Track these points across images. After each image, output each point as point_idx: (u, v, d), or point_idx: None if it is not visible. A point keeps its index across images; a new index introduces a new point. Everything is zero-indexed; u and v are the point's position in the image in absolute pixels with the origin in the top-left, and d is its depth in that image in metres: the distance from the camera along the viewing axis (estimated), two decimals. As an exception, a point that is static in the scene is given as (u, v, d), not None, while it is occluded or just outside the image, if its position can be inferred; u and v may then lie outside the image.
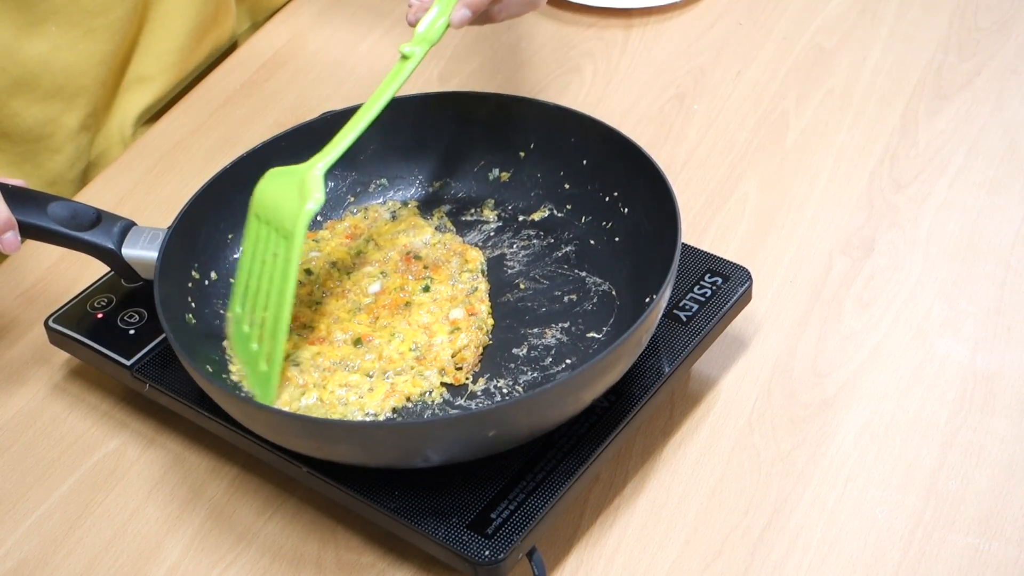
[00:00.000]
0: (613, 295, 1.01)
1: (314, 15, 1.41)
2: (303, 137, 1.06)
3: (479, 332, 0.98)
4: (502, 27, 1.37)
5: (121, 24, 1.22)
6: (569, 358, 0.97)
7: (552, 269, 1.04)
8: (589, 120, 1.05)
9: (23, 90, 1.19)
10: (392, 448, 0.87)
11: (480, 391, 0.95)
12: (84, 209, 1.00)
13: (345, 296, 1.01)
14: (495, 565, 0.85)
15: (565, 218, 1.07)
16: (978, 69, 1.28)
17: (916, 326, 1.05)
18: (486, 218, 1.09)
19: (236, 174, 1.04)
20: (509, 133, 1.09)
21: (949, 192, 1.16)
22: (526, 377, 0.96)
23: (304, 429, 0.89)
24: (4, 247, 0.97)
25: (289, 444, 0.90)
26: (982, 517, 0.92)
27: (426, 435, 0.87)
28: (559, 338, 0.98)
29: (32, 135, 1.22)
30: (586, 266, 1.03)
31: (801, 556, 0.91)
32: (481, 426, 0.86)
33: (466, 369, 0.96)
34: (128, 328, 1.01)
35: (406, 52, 1.01)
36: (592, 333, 0.98)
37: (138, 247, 1.00)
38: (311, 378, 0.95)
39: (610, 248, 1.03)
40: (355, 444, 0.88)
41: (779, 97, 1.27)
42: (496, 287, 1.03)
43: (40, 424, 1.03)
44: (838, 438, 0.97)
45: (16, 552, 0.95)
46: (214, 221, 1.03)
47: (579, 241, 1.05)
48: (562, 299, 1.01)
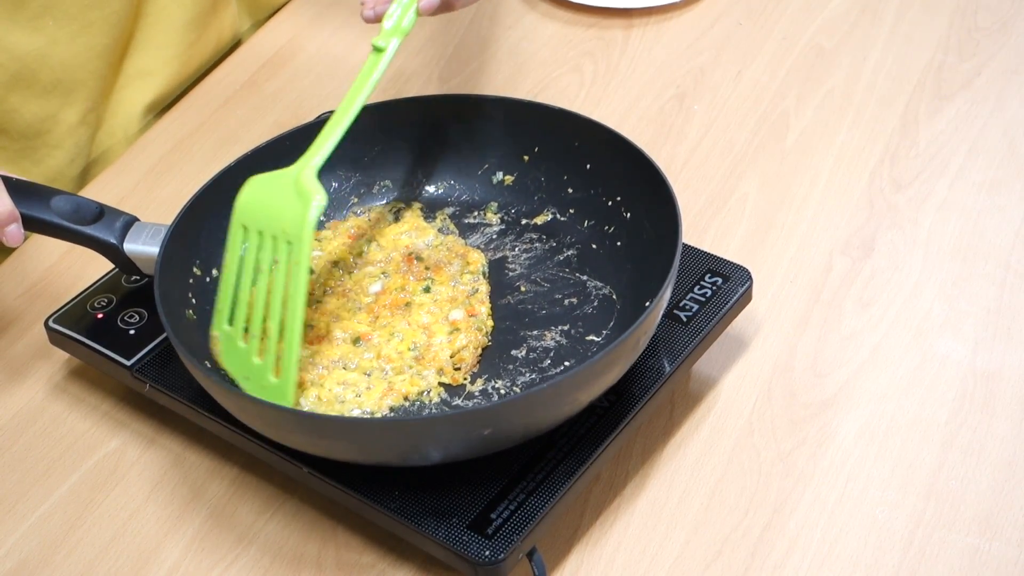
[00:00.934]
0: (613, 299, 1.01)
1: (314, 15, 1.41)
2: (309, 137, 1.06)
3: (478, 333, 0.98)
4: (502, 27, 1.37)
5: (118, 18, 1.22)
6: (568, 360, 0.97)
7: (553, 272, 1.04)
8: (593, 124, 1.05)
9: (20, 85, 1.19)
10: (388, 445, 0.88)
11: (478, 391, 0.95)
12: (87, 203, 1.00)
13: (346, 295, 1.01)
14: (495, 565, 0.85)
15: (568, 222, 1.07)
16: (978, 69, 1.28)
17: (916, 326, 1.05)
18: (489, 221, 1.09)
19: (240, 172, 1.04)
20: (513, 137, 1.09)
21: (949, 192, 1.16)
22: (524, 379, 0.96)
23: (302, 425, 0.89)
24: (8, 240, 0.97)
25: (287, 441, 0.90)
26: (982, 517, 0.92)
27: (422, 432, 0.87)
28: (559, 340, 0.98)
29: (31, 131, 1.22)
30: (587, 270, 1.03)
31: (801, 556, 0.91)
32: (476, 424, 0.86)
33: (464, 370, 0.96)
34: (128, 328, 1.01)
35: (379, 45, 0.99)
36: (592, 336, 0.98)
37: (140, 242, 1.00)
38: (309, 376, 0.95)
39: (612, 252, 1.03)
40: (351, 440, 0.88)
41: (779, 97, 1.27)
42: (497, 289, 1.03)
43: (40, 424, 1.03)
44: (838, 438, 0.97)
45: (16, 552, 0.95)
46: (217, 218, 1.03)
47: (581, 245, 1.05)
48: (562, 302, 1.01)
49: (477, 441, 0.87)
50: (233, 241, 0.96)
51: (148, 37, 1.27)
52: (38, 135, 1.22)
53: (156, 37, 1.28)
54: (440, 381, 0.96)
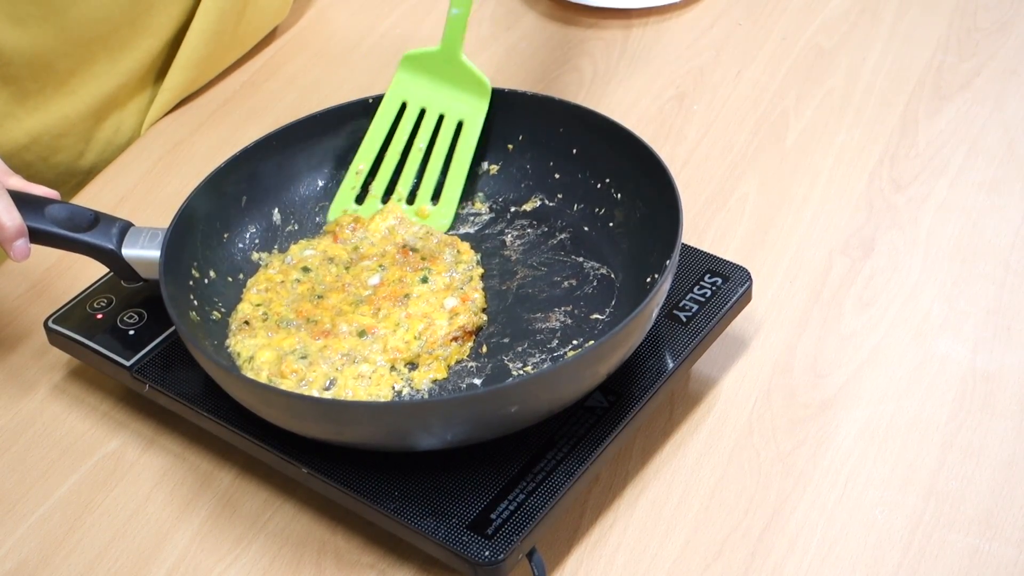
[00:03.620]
0: (612, 278, 1.01)
1: (315, 15, 1.41)
2: (305, 131, 1.08)
3: (474, 317, 0.99)
4: (502, 27, 1.37)
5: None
6: (575, 339, 0.97)
7: (549, 256, 1.04)
8: (576, 108, 1.06)
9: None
10: (416, 426, 0.88)
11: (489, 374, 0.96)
12: (81, 211, 1.01)
13: (345, 290, 1.02)
14: (495, 565, 0.85)
15: (557, 207, 1.08)
16: (978, 69, 1.28)
17: (916, 326, 1.05)
18: (478, 211, 1.09)
19: (229, 173, 1.05)
20: (497, 126, 1.10)
21: (949, 192, 1.16)
22: (534, 359, 0.96)
23: (325, 412, 0.89)
24: (15, 254, 0.97)
25: (309, 430, 0.90)
26: (982, 517, 0.92)
27: (451, 412, 0.87)
28: (563, 321, 0.99)
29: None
30: (583, 252, 1.04)
31: (801, 556, 0.91)
32: (505, 402, 0.87)
33: (467, 351, 0.98)
34: (128, 329, 1.01)
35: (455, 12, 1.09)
36: (595, 315, 0.99)
37: (138, 247, 1.00)
38: (320, 370, 0.95)
39: (605, 233, 1.04)
40: (379, 425, 0.88)
41: (779, 97, 1.27)
42: (495, 275, 1.03)
43: (40, 424, 1.03)
44: (838, 438, 0.97)
45: (16, 552, 0.95)
46: (210, 220, 1.04)
47: (573, 228, 1.06)
48: (562, 284, 1.02)
49: (505, 419, 0.88)
50: (385, 113, 1.09)
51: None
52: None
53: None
54: (448, 365, 0.97)
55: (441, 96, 1.10)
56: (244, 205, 1.06)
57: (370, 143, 1.10)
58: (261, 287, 1.03)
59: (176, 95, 1.30)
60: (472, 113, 1.09)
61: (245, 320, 1.00)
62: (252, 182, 1.07)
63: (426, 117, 1.10)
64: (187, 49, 1.27)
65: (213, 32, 1.28)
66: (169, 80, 1.28)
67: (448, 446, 0.89)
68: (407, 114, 1.10)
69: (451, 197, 1.08)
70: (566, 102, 1.07)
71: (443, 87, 1.10)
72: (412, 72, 1.10)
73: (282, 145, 1.07)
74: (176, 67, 1.28)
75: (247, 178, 1.06)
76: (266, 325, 0.99)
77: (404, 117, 1.10)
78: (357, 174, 1.09)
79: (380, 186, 1.10)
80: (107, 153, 1.28)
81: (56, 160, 1.25)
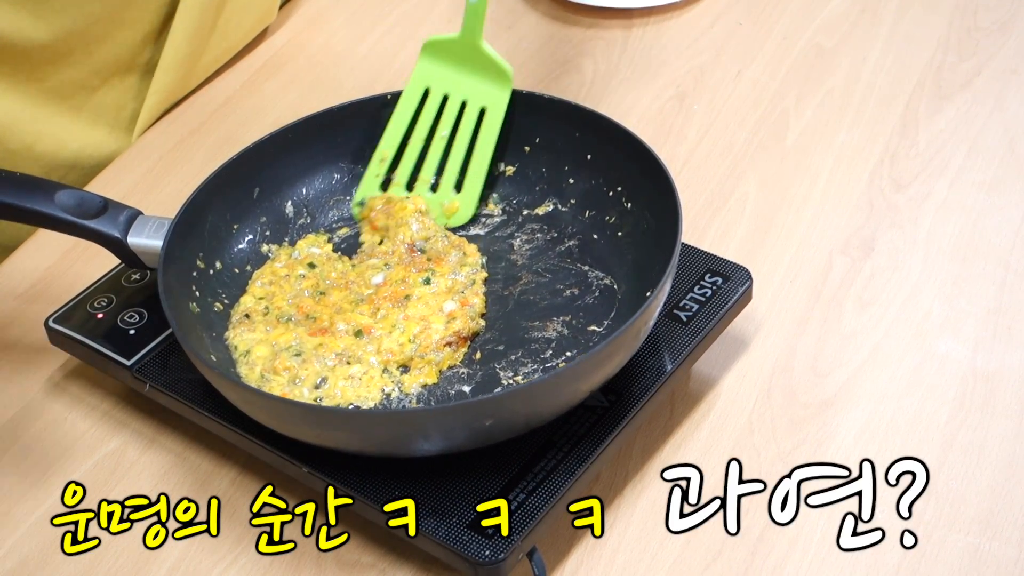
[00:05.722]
0: (615, 289, 1.01)
1: (314, 15, 1.41)
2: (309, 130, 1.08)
3: (471, 322, 0.98)
4: (502, 27, 1.37)
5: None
6: (569, 351, 0.97)
7: (555, 263, 1.04)
8: (593, 115, 1.06)
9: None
10: (388, 436, 0.88)
11: (478, 382, 0.95)
12: (90, 197, 1.00)
13: (348, 287, 1.02)
14: (495, 565, 0.85)
15: (569, 212, 1.07)
16: (978, 69, 1.28)
17: (916, 326, 1.05)
18: (491, 212, 1.09)
19: (243, 164, 1.05)
20: (515, 128, 1.09)
21: (949, 192, 1.16)
22: (526, 369, 0.96)
23: (307, 417, 0.89)
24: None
25: (292, 432, 0.90)
26: (982, 517, 0.92)
27: (421, 423, 0.87)
28: (560, 331, 0.98)
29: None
30: (589, 260, 1.04)
31: (801, 556, 0.91)
32: (479, 415, 0.86)
33: (460, 357, 0.97)
34: (128, 328, 1.01)
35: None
36: (593, 327, 0.98)
37: (144, 235, 1.00)
38: (313, 369, 0.95)
39: (613, 242, 1.04)
40: (351, 432, 0.88)
41: (779, 97, 1.27)
42: (498, 280, 1.03)
43: (40, 424, 1.03)
44: (838, 438, 0.97)
45: (16, 552, 0.95)
46: (220, 211, 1.04)
47: (582, 235, 1.05)
48: (564, 292, 1.01)
49: (479, 431, 0.87)
50: (408, 100, 1.09)
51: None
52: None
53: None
54: (439, 370, 0.96)
55: (464, 83, 1.10)
56: (256, 197, 1.06)
57: (395, 129, 1.09)
58: (266, 280, 1.03)
59: (165, 98, 1.29)
60: (495, 101, 1.09)
61: (246, 313, 1.00)
62: (266, 174, 1.07)
63: (449, 103, 1.10)
64: (170, 49, 1.27)
65: (195, 29, 1.27)
66: (156, 83, 1.27)
67: (427, 454, 0.89)
68: (430, 100, 1.10)
69: (474, 185, 1.08)
70: (583, 107, 1.07)
71: (465, 74, 1.10)
72: (434, 58, 1.10)
73: (297, 139, 1.07)
74: (161, 69, 1.27)
75: (261, 170, 1.06)
76: (266, 319, 0.99)
77: (427, 103, 1.10)
78: (382, 161, 1.09)
79: (404, 173, 1.09)
80: (89, 148, 1.27)
81: (40, 150, 1.24)
